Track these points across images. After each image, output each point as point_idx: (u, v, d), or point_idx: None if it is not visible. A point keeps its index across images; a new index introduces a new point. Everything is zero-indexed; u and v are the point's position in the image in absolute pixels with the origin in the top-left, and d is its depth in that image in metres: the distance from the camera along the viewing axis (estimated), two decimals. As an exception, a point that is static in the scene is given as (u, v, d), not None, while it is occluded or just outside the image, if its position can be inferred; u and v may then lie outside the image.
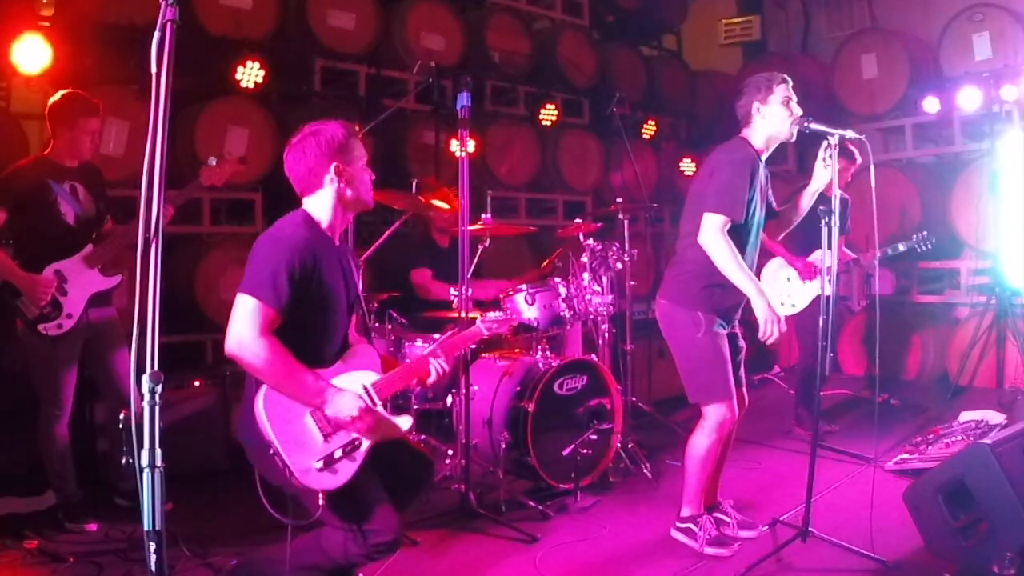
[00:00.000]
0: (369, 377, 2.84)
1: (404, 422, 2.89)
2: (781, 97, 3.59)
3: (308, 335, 2.74)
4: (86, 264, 3.94)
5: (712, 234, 3.49)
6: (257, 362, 2.57)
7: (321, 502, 2.62)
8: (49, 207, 3.85)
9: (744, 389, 3.91)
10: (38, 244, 3.86)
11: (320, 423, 2.68)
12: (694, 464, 3.71)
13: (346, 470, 2.67)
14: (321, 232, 2.81)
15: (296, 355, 2.63)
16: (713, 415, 3.64)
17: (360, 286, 3.02)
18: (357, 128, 2.90)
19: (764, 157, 3.68)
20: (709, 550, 3.64)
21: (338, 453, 2.67)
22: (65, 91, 3.95)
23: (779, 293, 5.58)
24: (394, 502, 2.78)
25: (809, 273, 5.49)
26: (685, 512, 3.76)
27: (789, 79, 3.65)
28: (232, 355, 2.60)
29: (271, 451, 2.60)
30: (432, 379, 3.00)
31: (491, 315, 3.44)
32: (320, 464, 2.62)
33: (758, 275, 5.61)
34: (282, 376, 2.60)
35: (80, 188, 3.98)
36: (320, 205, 2.83)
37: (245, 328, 2.58)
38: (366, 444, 2.74)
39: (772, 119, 3.61)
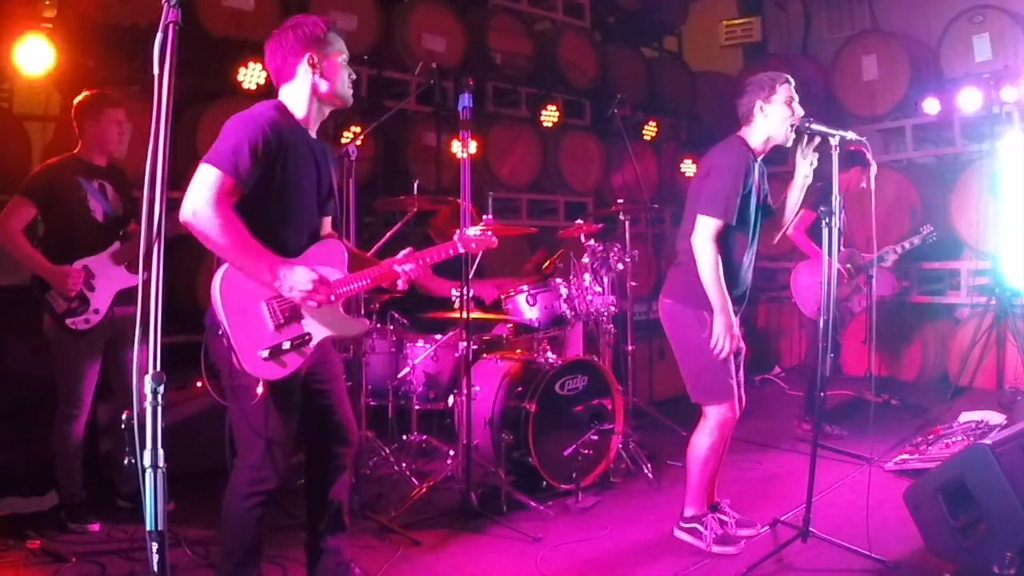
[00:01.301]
0: (331, 274, 2.83)
1: (359, 325, 2.91)
2: (784, 97, 3.60)
3: (271, 222, 2.74)
4: (113, 261, 4.01)
5: (702, 238, 3.53)
6: (211, 231, 2.54)
7: (260, 391, 2.65)
8: (79, 204, 3.93)
9: (742, 391, 3.91)
10: (67, 240, 3.93)
11: (274, 312, 2.69)
12: (696, 464, 3.72)
13: (292, 363, 2.71)
14: (293, 120, 2.82)
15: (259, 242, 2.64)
16: (714, 414, 3.65)
17: (335, 183, 3.00)
18: (339, 25, 2.89)
19: (761, 157, 3.70)
20: (716, 548, 3.64)
21: (286, 345, 2.69)
22: (87, 92, 4.05)
23: (832, 298, 5.57)
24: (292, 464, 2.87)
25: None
26: (688, 512, 3.77)
27: (792, 80, 3.66)
28: (186, 223, 2.58)
29: (220, 331, 2.63)
30: (401, 285, 2.98)
31: (470, 231, 3.34)
32: (267, 353, 2.65)
33: (787, 280, 5.67)
34: (234, 247, 2.57)
35: (109, 187, 4.06)
36: (294, 95, 2.84)
37: (201, 196, 2.55)
38: (316, 341, 2.77)
39: (773, 119, 3.61)
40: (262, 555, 2.91)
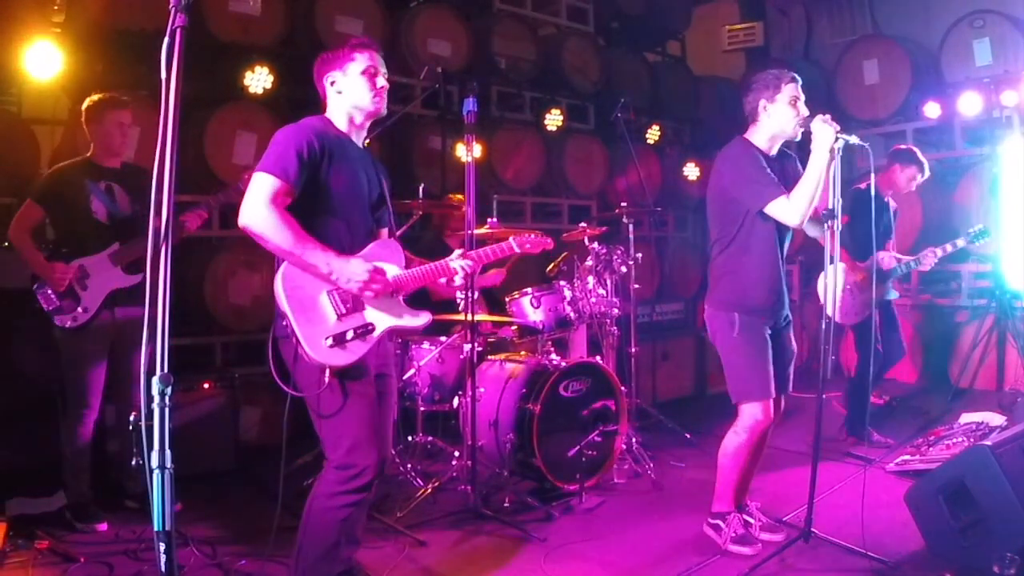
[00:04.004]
0: (389, 269, 2.95)
1: (421, 316, 3.01)
2: (788, 97, 3.59)
3: (327, 221, 2.86)
4: (111, 261, 4.07)
5: (786, 218, 3.51)
6: (266, 231, 2.69)
7: (327, 379, 2.75)
8: (81, 205, 4.02)
9: (789, 389, 3.85)
10: (72, 241, 4.05)
11: (335, 302, 2.81)
12: (725, 462, 3.74)
13: (357, 349, 2.81)
14: (335, 130, 2.97)
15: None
16: (746, 414, 3.66)
17: (386, 190, 3.12)
18: (367, 43, 3.02)
19: (773, 153, 3.69)
20: (732, 547, 3.67)
21: (350, 334, 2.80)
22: (94, 96, 4.14)
23: (836, 301, 5.52)
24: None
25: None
26: (716, 508, 3.81)
27: (799, 78, 3.65)
28: (244, 228, 2.72)
29: (284, 321, 2.76)
30: (459, 281, 3.22)
31: (526, 236, 3.52)
32: (330, 341, 2.76)
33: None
34: (288, 243, 2.70)
35: (117, 188, 4.13)
36: (332, 112, 3.02)
37: (254, 200, 2.71)
38: (380, 330, 2.87)
39: (778, 118, 3.61)
40: (343, 557, 2.96)
